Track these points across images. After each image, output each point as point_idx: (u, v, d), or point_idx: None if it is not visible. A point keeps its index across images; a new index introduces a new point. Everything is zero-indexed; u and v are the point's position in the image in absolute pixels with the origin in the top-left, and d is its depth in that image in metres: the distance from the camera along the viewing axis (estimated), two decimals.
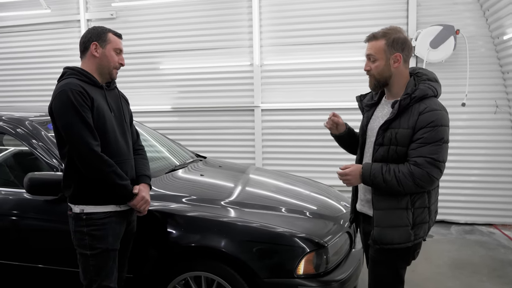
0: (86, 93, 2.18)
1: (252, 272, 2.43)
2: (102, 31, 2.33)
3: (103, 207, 2.25)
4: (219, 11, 5.94)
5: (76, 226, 2.24)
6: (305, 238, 2.50)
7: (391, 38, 2.07)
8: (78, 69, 2.28)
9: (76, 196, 2.24)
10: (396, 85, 2.14)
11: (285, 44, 5.80)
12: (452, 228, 5.31)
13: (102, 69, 2.33)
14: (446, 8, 5.24)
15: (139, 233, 2.54)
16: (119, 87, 2.56)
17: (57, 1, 6.39)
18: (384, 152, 2.10)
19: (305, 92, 5.75)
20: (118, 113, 2.39)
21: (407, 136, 2.03)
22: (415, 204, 2.08)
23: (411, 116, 2.02)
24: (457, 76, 5.26)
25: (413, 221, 2.07)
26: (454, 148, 5.36)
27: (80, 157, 2.14)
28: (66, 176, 2.27)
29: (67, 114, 2.12)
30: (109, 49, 2.31)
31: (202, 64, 6.05)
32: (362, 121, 2.31)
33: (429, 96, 2.04)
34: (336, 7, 5.56)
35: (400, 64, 2.09)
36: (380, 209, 2.11)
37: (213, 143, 6.13)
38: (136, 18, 6.21)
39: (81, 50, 2.35)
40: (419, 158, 1.99)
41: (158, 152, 3.86)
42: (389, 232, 2.08)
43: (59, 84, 2.22)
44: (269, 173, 4.06)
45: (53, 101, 2.18)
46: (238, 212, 2.74)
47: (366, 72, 2.18)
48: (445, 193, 5.42)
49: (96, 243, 2.23)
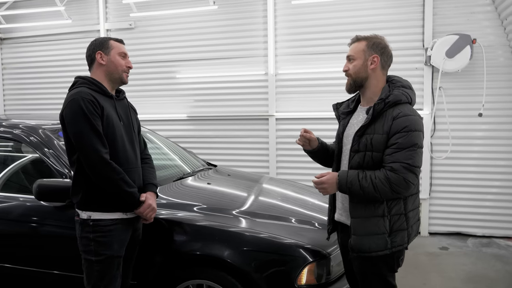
0: (97, 102, 2.25)
1: (254, 282, 2.44)
2: (103, 40, 2.43)
3: (110, 214, 2.30)
4: (235, 21, 6.01)
5: (83, 232, 2.29)
6: (307, 248, 2.50)
7: (372, 41, 2.16)
8: (89, 79, 2.36)
9: (84, 202, 2.29)
10: (371, 88, 2.17)
11: (300, 53, 5.82)
12: (469, 241, 5.19)
13: (112, 74, 2.41)
14: (463, 17, 5.17)
15: (144, 240, 2.58)
16: (137, 96, 2.64)
17: (78, 11, 6.60)
18: (359, 159, 2.11)
19: (320, 101, 5.74)
20: (127, 122, 2.46)
21: (382, 141, 2.04)
22: (391, 211, 2.08)
23: (385, 122, 2.05)
24: (474, 86, 5.18)
25: (390, 228, 2.07)
26: (471, 159, 5.29)
27: (89, 164, 2.20)
28: (75, 183, 2.32)
29: (78, 122, 2.19)
30: (114, 54, 2.40)
31: (218, 73, 6.12)
32: (338, 129, 2.33)
33: (403, 102, 2.08)
34: (351, 17, 5.55)
35: (377, 67, 2.14)
36: (357, 217, 2.12)
37: (227, 151, 6.17)
38: (154, 28, 6.34)
39: (88, 63, 2.44)
40: (395, 163, 2.00)
41: (168, 160, 3.92)
42: (366, 241, 2.08)
43: (70, 92, 2.30)
44: (280, 182, 4.06)
45: (64, 109, 2.26)
46: (247, 222, 2.75)
47: (344, 73, 2.22)
48: (463, 205, 5.35)
49: (102, 249, 2.27)
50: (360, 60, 2.16)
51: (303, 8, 5.72)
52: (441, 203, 5.41)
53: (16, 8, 6.74)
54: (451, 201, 5.39)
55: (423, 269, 4.26)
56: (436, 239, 5.28)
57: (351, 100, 2.35)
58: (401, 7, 5.39)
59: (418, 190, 2.21)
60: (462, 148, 5.29)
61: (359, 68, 2.16)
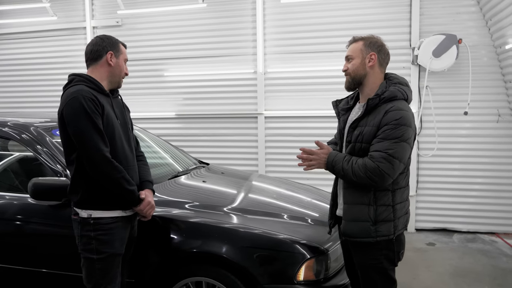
0: (97, 100, 2.24)
1: (253, 278, 2.45)
2: (116, 42, 2.42)
3: (111, 212, 2.30)
4: (224, 19, 6.00)
5: (83, 230, 2.28)
6: (306, 244, 2.53)
7: (368, 40, 2.24)
8: (87, 77, 2.33)
9: (83, 201, 2.28)
10: (369, 85, 2.24)
11: (288, 52, 5.84)
12: (454, 237, 5.30)
13: (114, 77, 2.42)
14: (449, 17, 5.27)
15: (141, 238, 2.57)
16: (125, 93, 2.61)
17: (64, 8, 6.48)
18: (350, 149, 2.20)
19: (309, 100, 5.78)
20: (123, 121, 2.45)
21: (372, 133, 2.12)
22: (378, 201, 2.15)
23: (377, 115, 2.12)
24: (460, 85, 5.29)
25: (375, 218, 2.14)
26: (457, 156, 5.40)
27: (91, 163, 2.19)
28: (74, 182, 2.29)
29: (79, 120, 2.17)
30: (122, 59, 2.42)
31: (206, 72, 6.10)
32: (339, 125, 2.39)
33: (398, 98, 2.14)
34: (339, 16, 5.61)
35: (375, 65, 2.22)
36: (347, 203, 2.22)
37: (216, 150, 6.16)
38: (141, 25, 6.28)
39: (92, 57, 2.38)
40: (375, 152, 2.08)
41: (161, 159, 3.90)
42: (351, 226, 2.19)
43: (70, 90, 2.25)
44: (271, 180, 4.08)
45: (64, 107, 2.21)
46: (240, 218, 2.77)
47: (344, 73, 2.30)
48: (448, 201, 5.45)
49: (103, 247, 2.27)
50: (358, 59, 2.23)
51: (292, 7, 5.75)
52: (428, 200, 5.51)
53: (0, 3, 6.60)
54: (437, 197, 5.49)
55: (411, 265, 4.34)
56: (422, 235, 5.38)
57: (351, 97, 2.42)
58: (389, 7, 5.46)
59: (407, 183, 2.26)
60: (448, 146, 5.40)
61: (357, 66, 2.23)
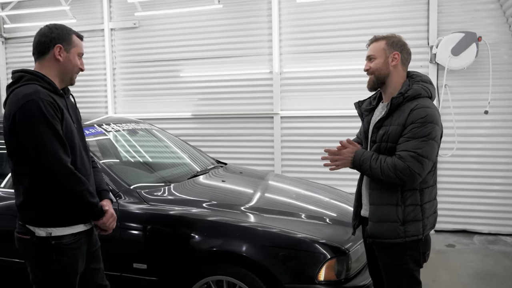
0: (57, 104, 1.96)
1: (274, 278, 2.45)
2: (66, 32, 2.08)
3: (72, 228, 2.04)
4: (239, 20, 6.00)
5: (41, 253, 1.99)
6: (327, 244, 2.51)
7: (391, 39, 2.22)
8: (39, 74, 2.00)
9: (41, 218, 1.99)
10: (392, 84, 2.22)
11: (304, 51, 5.82)
12: (475, 238, 5.21)
13: (65, 74, 2.09)
14: (468, 15, 5.19)
15: (161, 238, 2.58)
16: (141, 94, 2.53)
17: (82, 11, 6.57)
18: (376, 149, 2.18)
19: (325, 99, 5.75)
20: (78, 125, 2.16)
21: (398, 132, 2.09)
22: (406, 201, 2.12)
23: (402, 113, 2.10)
24: (480, 83, 5.20)
25: (403, 218, 2.11)
26: (477, 156, 5.31)
27: (52, 174, 1.92)
28: (29, 196, 1.99)
29: (37, 127, 1.88)
30: (74, 53, 2.08)
31: (222, 72, 6.11)
32: (363, 126, 2.38)
33: (422, 96, 2.12)
34: (355, 15, 5.56)
35: (398, 64, 2.20)
36: (374, 204, 2.19)
37: (232, 149, 6.16)
38: (158, 27, 6.32)
39: (38, 50, 2.06)
40: (404, 152, 2.05)
41: (180, 158, 3.92)
42: (379, 227, 2.15)
43: (21, 91, 1.93)
44: (288, 179, 4.08)
45: (17, 111, 1.89)
46: (257, 217, 2.77)
47: (366, 72, 2.28)
48: (468, 202, 5.37)
49: (65, 270, 2.03)
50: (381, 58, 2.21)
51: (308, 7, 5.72)
52: (447, 201, 5.42)
53: (20, 8, 6.72)
54: (457, 198, 5.40)
55: (431, 266, 4.26)
56: (442, 236, 5.30)
57: (373, 98, 2.40)
58: (406, 5, 5.40)
59: (435, 182, 2.23)
60: (467, 146, 5.31)
61: (381, 66, 2.21)
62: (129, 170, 3.42)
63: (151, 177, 3.39)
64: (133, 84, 6.53)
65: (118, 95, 6.60)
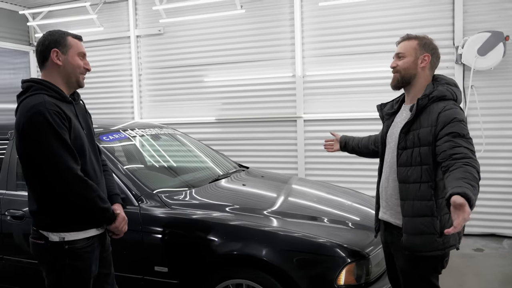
0: (63, 113, 1.97)
1: (293, 282, 2.43)
2: (60, 36, 2.07)
3: (85, 232, 2.06)
4: (262, 24, 6.02)
5: (55, 258, 2.03)
6: (346, 248, 2.48)
7: (423, 40, 2.16)
8: (46, 83, 2.02)
9: (55, 223, 2.02)
10: (417, 86, 2.17)
11: (327, 54, 5.78)
12: (504, 242, 5.04)
13: (69, 77, 2.09)
14: (494, 14, 5.04)
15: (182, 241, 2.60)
16: (166, 99, 2.56)
17: (110, 19, 6.74)
18: (407, 155, 2.09)
19: (348, 102, 5.69)
20: (88, 130, 2.17)
21: (428, 134, 2.02)
22: (440, 210, 2.04)
23: (430, 115, 2.04)
24: (508, 83, 5.04)
25: (440, 229, 2.02)
26: (505, 158, 5.14)
27: (62, 183, 1.94)
28: (42, 203, 2.03)
29: (45, 138, 1.90)
30: (72, 54, 2.07)
31: (246, 76, 6.14)
32: (382, 130, 2.34)
33: (447, 98, 2.06)
34: (378, 17, 5.49)
35: (427, 66, 2.15)
36: (407, 216, 2.09)
37: (256, 153, 6.17)
38: (182, 33, 6.42)
39: (40, 60, 2.08)
40: (465, 149, 1.89)
41: (202, 162, 3.95)
42: (416, 240, 2.05)
43: (29, 102, 1.96)
44: (311, 183, 4.04)
45: (25, 122, 1.92)
46: (280, 221, 2.75)
47: (392, 69, 2.22)
48: (497, 205, 5.20)
49: (79, 274, 2.06)
50: (411, 58, 2.16)
51: (330, 10, 5.68)
52: (476, 204, 5.26)
53: (50, 17, 6.95)
54: (485, 201, 5.23)
55: (458, 271, 4.16)
56: (470, 240, 5.14)
57: (396, 101, 2.35)
58: (430, 6, 5.29)
59: None
60: (496, 148, 5.15)
61: (409, 65, 2.15)
62: (151, 175, 3.47)
63: (173, 181, 3.43)
64: (158, 89, 6.64)
65: (144, 101, 6.72)
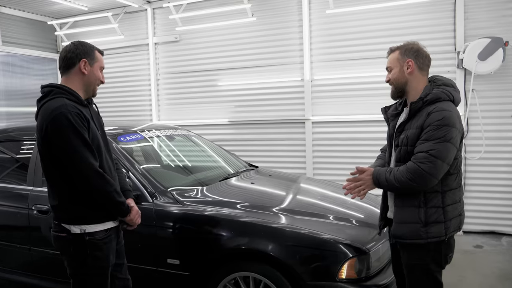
0: (83, 114, 2.07)
1: (297, 275, 2.46)
2: (90, 49, 2.19)
3: (104, 225, 2.15)
4: (272, 31, 6.05)
5: (76, 249, 2.11)
6: (348, 244, 2.49)
7: (403, 48, 2.19)
8: (66, 88, 2.12)
9: (75, 217, 2.11)
10: (413, 90, 2.18)
11: (334, 59, 5.78)
12: (503, 239, 4.98)
13: (89, 86, 2.20)
14: (494, 20, 4.98)
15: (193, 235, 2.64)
16: (182, 102, 2.59)
17: (129, 28, 6.85)
18: (398, 153, 2.15)
19: (355, 105, 5.69)
20: (101, 131, 2.27)
21: (416, 136, 2.06)
22: (428, 203, 2.08)
23: (420, 117, 2.06)
24: (507, 87, 4.98)
25: (425, 220, 2.06)
26: (504, 159, 5.09)
27: (83, 178, 2.03)
28: (62, 199, 2.11)
29: (67, 136, 1.99)
30: (97, 67, 2.20)
31: (257, 80, 6.18)
32: (389, 130, 2.34)
33: (442, 99, 2.06)
34: (383, 23, 5.47)
35: (414, 70, 2.15)
36: (398, 206, 2.16)
37: (266, 153, 6.20)
38: (197, 40, 6.48)
39: (65, 65, 2.16)
40: (418, 153, 2.02)
41: (214, 162, 3.99)
42: (402, 228, 2.12)
43: (51, 105, 2.04)
44: (318, 182, 4.05)
45: (48, 123, 2.01)
46: (288, 218, 2.77)
47: (388, 83, 2.27)
48: (496, 204, 5.15)
49: (99, 263, 2.14)
50: (397, 68, 2.19)
51: (337, 17, 5.68)
52: (475, 202, 5.22)
53: (76, 27, 7.08)
54: (485, 200, 5.19)
55: (458, 267, 4.12)
56: (470, 237, 5.10)
57: (399, 103, 2.36)
58: (433, 13, 5.26)
59: (460, 185, 2.17)
60: (495, 149, 5.10)
61: (397, 75, 2.19)
62: (165, 173, 3.51)
63: (186, 179, 3.47)
64: (175, 93, 6.72)
65: (162, 104, 6.80)
